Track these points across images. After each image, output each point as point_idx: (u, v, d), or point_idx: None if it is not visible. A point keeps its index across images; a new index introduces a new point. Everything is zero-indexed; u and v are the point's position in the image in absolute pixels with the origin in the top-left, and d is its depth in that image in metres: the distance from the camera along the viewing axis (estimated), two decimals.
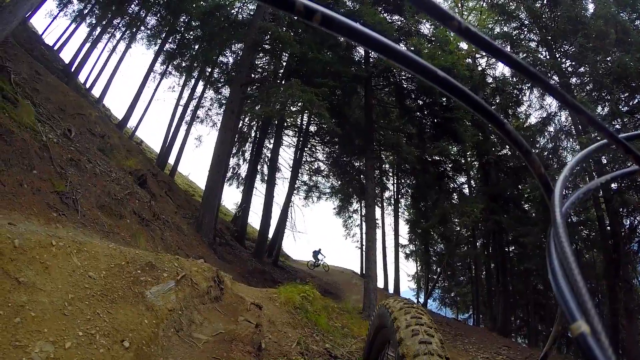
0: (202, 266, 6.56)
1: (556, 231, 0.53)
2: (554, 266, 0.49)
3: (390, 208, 29.56)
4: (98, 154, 12.06)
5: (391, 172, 28.31)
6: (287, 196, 23.73)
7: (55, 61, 23.58)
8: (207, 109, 27.01)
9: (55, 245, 4.72)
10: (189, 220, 15.96)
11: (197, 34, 26.68)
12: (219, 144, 17.54)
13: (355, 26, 0.50)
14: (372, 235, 16.30)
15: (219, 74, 26.73)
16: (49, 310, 3.93)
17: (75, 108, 14.22)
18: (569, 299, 0.43)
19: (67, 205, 7.74)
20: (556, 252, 0.50)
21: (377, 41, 0.51)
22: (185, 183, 31.03)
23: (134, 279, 5.02)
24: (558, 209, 0.58)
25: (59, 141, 9.78)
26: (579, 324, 0.40)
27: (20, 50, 14.72)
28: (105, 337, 3.99)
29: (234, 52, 26.10)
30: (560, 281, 0.45)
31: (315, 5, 0.48)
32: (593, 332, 0.39)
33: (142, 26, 27.69)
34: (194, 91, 26.92)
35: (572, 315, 0.41)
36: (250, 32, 19.55)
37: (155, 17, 28.08)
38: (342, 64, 17.03)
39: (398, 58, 0.53)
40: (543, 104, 21.37)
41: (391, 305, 1.93)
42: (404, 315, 1.78)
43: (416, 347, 1.59)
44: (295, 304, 8.26)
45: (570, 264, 0.47)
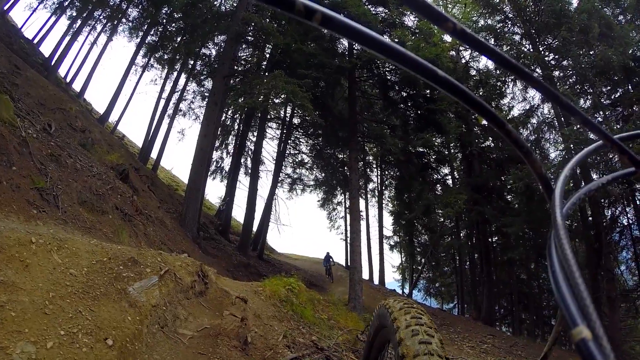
0: (185, 261, 6.49)
1: (557, 233, 0.52)
2: (555, 269, 0.47)
3: (374, 200, 29.76)
4: (79, 149, 11.87)
5: (375, 164, 28.42)
6: (271, 189, 23.70)
7: (35, 55, 23.22)
8: (189, 101, 26.80)
9: (35, 242, 4.63)
10: (173, 215, 15.86)
11: (180, 25, 26.38)
12: (201, 137, 17.40)
13: (355, 26, 0.49)
14: (357, 227, 16.35)
15: (201, 66, 26.50)
16: (29, 310, 3.85)
17: (55, 102, 14.01)
18: (570, 303, 0.42)
19: (48, 201, 7.62)
20: (557, 254, 0.49)
21: (377, 41, 0.51)
22: (168, 177, 30.82)
23: (116, 275, 4.94)
24: (558, 209, 0.57)
25: (38, 136, 9.61)
26: (580, 329, 0.39)
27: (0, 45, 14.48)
28: (88, 336, 3.93)
29: (217, 44, 25.89)
30: (561, 284, 0.44)
31: (315, 5, 0.48)
32: (595, 338, 0.38)
33: (123, 18, 27.26)
34: (177, 84, 26.64)
35: (573, 320, 0.40)
36: (233, 23, 19.40)
37: (136, 8, 27.67)
38: (325, 56, 16.98)
39: (398, 58, 0.52)
40: (526, 96, 21.67)
41: (391, 306, 1.93)
42: (404, 316, 1.78)
43: (416, 347, 1.60)
44: (281, 297, 8.24)
45: (571, 266, 0.45)
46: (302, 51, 16.35)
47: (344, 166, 23.25)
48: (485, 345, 14.44)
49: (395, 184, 26.71)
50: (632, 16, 18.75)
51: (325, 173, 25.99)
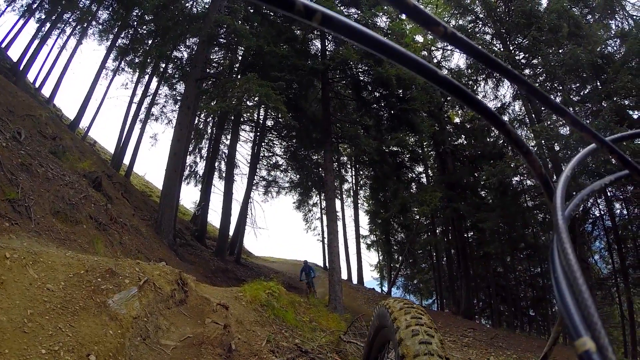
0: (164, 269, 6.43)
1: (559, 237, 0.50)
2: (558, 275, 0.46)
3: (350, 200, 29.94)
4: (50, 157, 11.63)
5: (349, 164, 28.58)
6: (246, 192, 23.63)
7: (2, 59, 22.67)
8: (161, 106, 26.38)
9: (10, 257, 4.54)
10: (148, 222, 15.65)
11: (151, 28, 26.05)
12: (175, 142, 17.21)
13: (355, 26, 0.49)
14: (334, 228, 16.39)
15: (173, 69, 26.14)
16: (7, 329, 3.76)
17: (24, 109, 13.72)
18: (574, 312, 0.40)
19: (20, 213, 7.45)
20: (559, 260, 0.48)
21: (377, 41, 0.50)
22: (142, 184, 30.44)
23: (94, 288, 4.87)
24: (560, 212, 0.55)
25: (8, 145, 9.40)
26: (584, 340, 0.37)
27: None
28: (70, 353, 3.86)
29: (189, 46, 25.59)
30: (564, 292, 0.43)
31: (315, 5, 0.47)
32: (599, 350, 0.37)
33: (93, 21, 26.75)
34: (148, 88, 26.24)
35: (576, 330, 0.39)
36: (205, 25, 19.22)
37: (107, 10, 27.21)
38: (298, 57, 17.01)
39: (398, 58, 0.52)
40: (497, 94, 21.98)
41: (391, 306, 1.94)
42: (404, 316, 1.78)
43: (416, 347, 1.60)
44: (262, 301, 8.23)
45: (575, 273, 0.44)
46: (275, 53, 16.30)
47: (319, 167, 23.29)
48: (466, 339, 14.63)
49: (370, 184, 26.91)
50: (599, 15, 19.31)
51: (300, 175, 25.97)
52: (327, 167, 17.26)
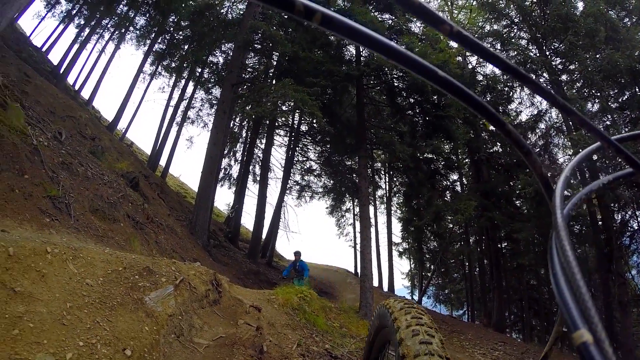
0: (199, 269, 6.49)
1: (557, 234, 0.51)
2: (556, 271, 0.47)
3: (383, 206, 29.71)
4: (89, 156, 11.91)
5: (383, 171, 28.40)
6: (280, 196, 23.71)
7: (44, 63, 23.40)
8: (197, 109, 26.89)
9: (51, 252, 4.61)
10: (183, 223, 15.88)
11: (187, 34, 26.59)
12: (211, 145, 17.44)
13: (355, 26, 0.50)
14: (367, 234, 16.27)
15: (209, 74, 26.57)
16: (47, 321, 3.83)
17: (65, 110, 14.09)
18: (572, 305, 0.42)
19: (60, 210, 7.61)
20: (558, 256, 0.49)
21: (377, 41, 0.51)
22: (177, 185, 30.90)
23: (132, 285, 4.93)
24: (559, 210, 0.57)
25: (49, 144, 9.64)
26: (582, 332, 0.39)
27: (8, 52, 14.59)
28: (107, 346, 3.91)
29: (224, 52, 26.00)
30: (563, 287, 0.44)
31: (315, 5, 0.48)
32: (596, 341, 0.38)
33: (131, 26, 27.55)
34: (184, 92, 26.80)
35: (574, 323, 0.40)
36: (240, 31, 19.45)
37: (144, 17, 27.98)
38: (333, 63, 17.01)
39: (398, 58, 0.53)
40: (534, 101, 21.61)
41: (391, 306, 1.93)
42: (405, 316, 1.78)
43: (417, 347, 1.59)
44: (294, 305, 8.25)
45: (573, 269, 0.45)
46: (310, 59, 16.37)
47: (353, 173, 23.22)
48: (496, 353, 14.33)
49: (403, 191, 26.64)
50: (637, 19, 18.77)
51: (333, 180, 25.91)
52: (362, 173, 17.19)
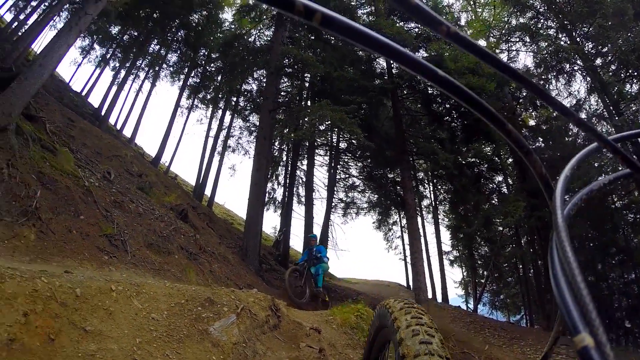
0: (257, 296, 6.55)
1: (558, 235, 0.51)
2: (557, 272, 0.47)
3: (430, 216, 29.31)
4: (138, 193, 12.25)
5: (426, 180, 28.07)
6: (326, 215, 23.68)
7: (85, 106, 24.27)
8: (237, 137, 27.26)
9: (115, 290, 4.75)
10: (234, 250, 16.04)
11: (218, 65, 27.27)
12: (255, 172, 17.67)
13: (356, 26, 0.50)
14: (417, 247, 16.09)
15: (244, 102, 27.04)
16: (119, 357, 3.94)
17: (110, 150, 14.54)
18: (572, 309, 0.41)
19: (117, 247, 7.86)
20: (558, 257, 0.49)
21: (378, 41, 0.51)
22: (223, 212, 31.27)
23: (196, 317, 5.03)
24: (559, 211, 0.56)
25: (100, 184, 9.97)
26: (583, 336, 0.38)
27: (51, 99, 15.17)
28: None
29: (256, 78, 26.41)
30: (563, 289, 0.44)
31: (315, 5, 0.48)
32: (597, 345, 0.38)
33: (164, 64, 28.52)
34: (222, 121, 27.34)
35: (575, 326, 0.39)
36: (271, 58, 19.77)
37: (175, 53, 29.04)
38: (366, 79, 17.13)
39: (399, 58, 0.53)
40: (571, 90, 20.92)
41: (391, 305, 1.93)
42: (405, 316, 1.78)
43: (417, 347, 1.59)
44: (352, 324, 8.21)
45: (573, 270, 0.45)
46: (343, 77, 16.50)
47: (396, 185, 23.05)
48: (560, 357, 13.86)
49: (449, 198, 26.19)
50: None
51: (377, 194, 25.72)
52: (406, 186, 17.06)
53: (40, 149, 9.03)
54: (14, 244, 5.88)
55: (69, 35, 9.54)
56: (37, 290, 3.97)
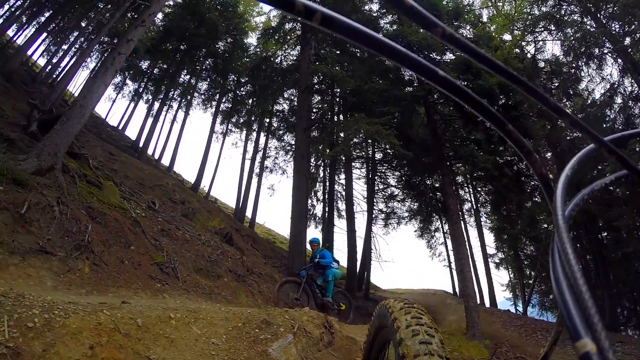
0: (310, 314, 6.58)
1: (559, 236, 0.50)
2: (558, 275, 0.46)
3: (472, 219, 28.83)
4: (183, 220, 12.52)
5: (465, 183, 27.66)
6: (367, 227, 23.55)
7: (123, 139, 25.08)
8: (273, 157, 27.66)
9: (174, 317, 4.84)
10: (279, 269, 16.17)
11: (248, 89, 27.83)
12: (295, 190, 17.87)
13: (356, 26, 0.49)
14: (463, 253, 15.81)
15: (277, 122, 27.45)
16: None
17: (152, 180, 14.92)
18: (574, 313, 0.40)
19: (168, 274, 8.04)
20: (559, 259, 0.48)
21: (378, 41, 0.51)
22: (265, 232, 31.50)
23: (254, 339, 5.09)
24: (560, 212, 0.55)
25: (146, 215, 10.24)
26: (585, 342, 0.37)
27: (91, 135, 15.68)
28: None
29: (287, 98, 26.83)
30: (565, 292, 0.43)
31: (315, 5, 0.48)
32: (600, 351, 0.36)
33: (195, 92, 29.33)
34: (258, 143, 27.81)
35: (576, 331, 0.38)
36: (300, 77, 20.00)
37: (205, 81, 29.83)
38: (396, 88, 17.07)
39: (399, 57, 0.52)
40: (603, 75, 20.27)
41: (391, 305, 1.91)
42: (404, 316, 1.76)
43: (416, 347, 1.58)
44: None
45: (575, 273, 0.44)
46: (374, 89, 16.50)
47: (435, 191, 22.80)
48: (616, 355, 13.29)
49: (490, 199, 25.74)
50: None
51: (418, 202, 25.43)
52: (447, 191, 16.82)
53: (87, 185, 9.36)
54: (69, 277, 6.07)
55: (106, 75, 9.88)
56: (101, 323, 4.09)
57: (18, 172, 7.08)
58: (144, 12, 11.19)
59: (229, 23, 28.30)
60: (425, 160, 19.85)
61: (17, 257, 5.65)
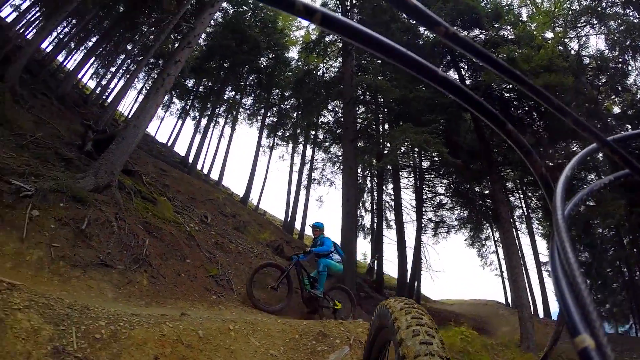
0: (364, 325, 6.59)
1: (559, 235, 0.50)
2: (557, 273, 0.46)
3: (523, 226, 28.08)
4: (235, 233, 12.73)
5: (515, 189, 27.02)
6: (417, 237, 23.31)
7: (173, 155, 25.79)
8: (320, 169, 27.81)
9: (233, 329, 4.91)
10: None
11: (293, 102, 28.22)
12: (345, 202, 17.83)
13: (356, 26, 0.50)
14: (516, 261, 15.42)
15: (323, 134, 27.58)
16: None
17: (203, 194, 15.25)
18: (573, 310, 0.41)
19: (223, 286, 8.17)
20: (559, 258, 0.48)
21: (378, 41, 0.50)
22: None
23: (311, 350, 5.12)
24: (560, 211, 0.55)
25: (200, 228, 10.46)
26: (583, 337, 0.38)
27: (143, 153, 16.16)
28: None
29: (332, 110, 26.95)
30: (564, 290, 0.43)
31: (315, 5, 0.48)
32: (598, 347, 0.37)
33: (240, 108, 30.02)
34: (304, 155, 28.24)
35: (575, 327, 0.39)
36: (344, 88, 20.08)
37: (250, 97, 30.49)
38: (441, 95, 16.88)
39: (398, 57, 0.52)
40: None
41: (392, 306, 1.85)
42: (405, 316, 1.72)
43: (417, 347, 1.54)
44: (458, 347, 8.09)
45: (574, 271, 0.44)
46: (419, 98, 16.43)
47: (484, 199, 22.41)
48: None
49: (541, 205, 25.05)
50: None
51: (467, 210, 25.00)
52: (497, 198, 16.50)
53: (142, 200, 9.65)
54: (129, 289, 6.24)
55: (157, 96, 10.20)
56: (165, 335, 4.19)
57: (77, 189, 7.34)
58: (189, 33, 11.50)
59: (269, 39, 28.97)
60: (473, 167, 19.54)
61: (78, 270, 5.86)
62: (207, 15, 11.88)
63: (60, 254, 5.89)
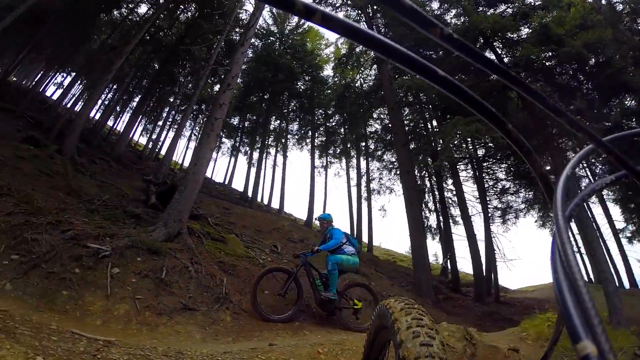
0: (450, 328, 6.55)
1: (559, 237, 0.49)
2: (558, 276, 0.45)
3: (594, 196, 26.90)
4: None
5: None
6: (486, 228, 22.76)
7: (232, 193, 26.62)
8: (378, 179, 27.67)
9: (322, 352, 5.04)
10: (407, 287, 16.08)
11: (337, 118, 28.45)
12: (408, 207, 17.76)
13: (355, 25, 0.49)
14: (592, 235, 14.78)
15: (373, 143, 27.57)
16: None
17: (268, 225, 15.55)
18: (574, 315, 0.40)
19: (303, 311, 8.31)
20: (560, 260, 0.47)
21: (378, 41, 0.50)
22: (383, 253, 31.44)
23: None
24: (560, 212, 0.54)
25: (271, 258, 10.79)
26: (585, 344, 0.37)
27: (204, 196, 16.81)
28: None
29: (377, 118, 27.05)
30: (565, 294, 0.42)
31: (315, 5, 0.49)
32: (600, 354, 0.36)
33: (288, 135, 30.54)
34: (359, 168, 28.21)
35: (577, 333, 0.38)
36: (385, 94, 20.12)
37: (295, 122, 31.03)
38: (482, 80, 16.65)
39: (397, 57, 0.52)
40: None
41: (392, 306, 1.85)
42: (405, 317, 1.72)
43: (417, 349, 1.55)
44: (546, 334, 7.78)
45: (575, 274, 0.43)
46: None
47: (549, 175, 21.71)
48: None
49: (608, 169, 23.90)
50: None
51: (532, 190, 24.24)
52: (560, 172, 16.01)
53: (212, 242, 10.04)
54: (214, 328, 6.47)
55: (209, 140, 10.62)
56: None
57: (151, 242, 7.73)
58: (227, 76, 11.89)
59: (302, 62, 29.41)
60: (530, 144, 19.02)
61: (164, 317, 6.14)
62: (239, 55, 12.26)
63: (145, 304, 6.21)
